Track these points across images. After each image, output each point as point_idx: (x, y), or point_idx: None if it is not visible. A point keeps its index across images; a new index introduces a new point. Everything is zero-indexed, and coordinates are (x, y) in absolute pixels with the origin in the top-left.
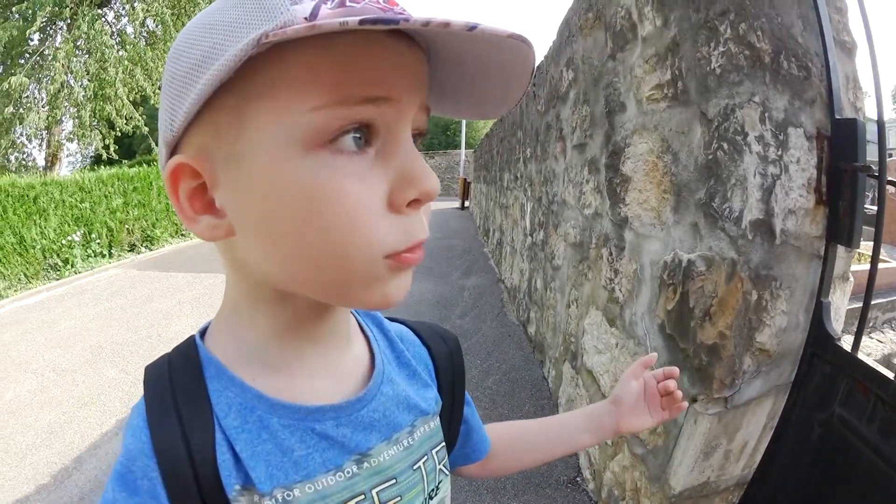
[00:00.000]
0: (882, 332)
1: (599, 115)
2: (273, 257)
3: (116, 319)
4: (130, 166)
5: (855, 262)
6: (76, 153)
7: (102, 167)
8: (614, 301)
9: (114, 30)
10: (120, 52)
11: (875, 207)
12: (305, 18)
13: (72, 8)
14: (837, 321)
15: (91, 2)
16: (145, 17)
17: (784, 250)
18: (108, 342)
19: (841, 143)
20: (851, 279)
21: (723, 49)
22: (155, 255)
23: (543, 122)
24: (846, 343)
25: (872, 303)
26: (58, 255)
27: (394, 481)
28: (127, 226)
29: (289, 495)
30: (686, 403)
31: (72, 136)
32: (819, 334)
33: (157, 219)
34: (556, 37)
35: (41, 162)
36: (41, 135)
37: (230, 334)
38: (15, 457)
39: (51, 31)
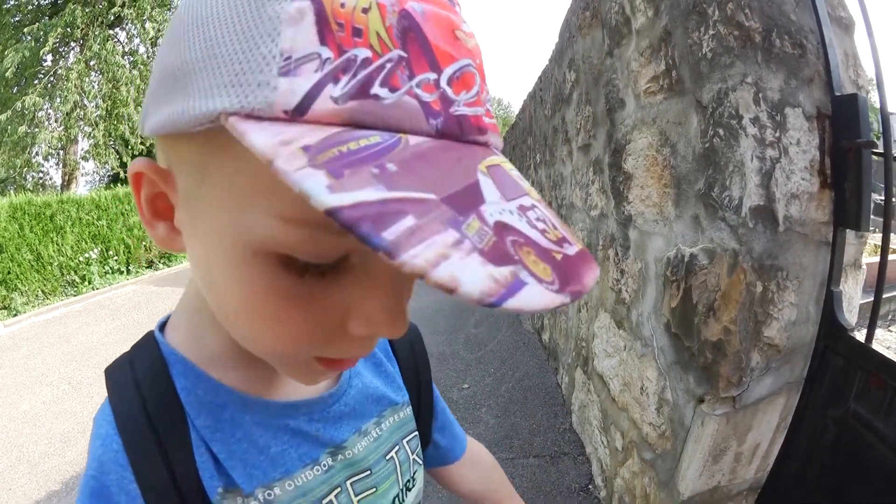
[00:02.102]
0: None
1: (601, 113)
2: (213, 306)
3: (133, 334)
4: None
5: (871, 254)
6: (93, 172)
7: (120, 185)
8: (621, 302)
9: (125, 49)
10: (132, 72)
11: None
12: (286, 112)
13: (83, 29)
14: (851, 312)
15: (102, 22)
16: (157, 37)
17: (789, 238)
18: None
19: (842, 121)
20: (864, 267)
21: (712, 32)
22: (172, 270)
23: (550, 125)
24: (860, 335)
25: (888, 295)
26: (75, 271)
27: (368, 472)
28: (144, 242)
29: (270, 494)
30: None
31: (87, 154)
32: (831, 326)
33: None
34: (557, 39)
35: (58, 181)
36: (57, 154)
37: (195, 333)
38: (28, 464)
39: (63, 52)
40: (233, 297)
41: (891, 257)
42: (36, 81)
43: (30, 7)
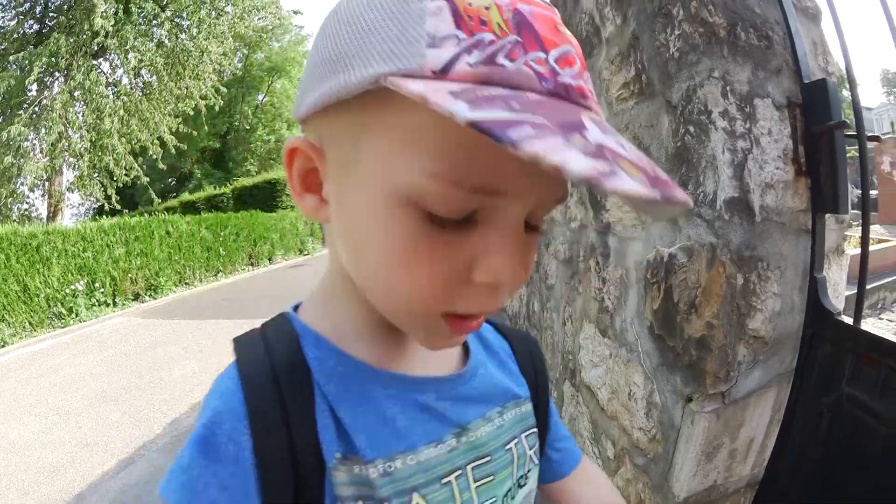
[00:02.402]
0: (892, 311)
1: None
2: (352, 267)
3: (120, 365)
4: (131, 217)
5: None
6: (79, 204)
7: (104, 217)
8: (604, 311)
9: (109, 80)
10: (116, 103)
11: (874, 192)
12: (434, 72)
13: (67, 59)
14: (837, 298)
15: (86, 52)
16: (140, 67)
17: (767, 228)
18: (112, 387)
19: (813, 107)
20: (847, 252)
21: (678, 32)
22: (159, 303)
23: None
24: (848, 320)
25: (878, 283)
26: (62, 303)
27: (488, 458)
28: (130, 275)
29: (390, 467)
30: None
31: (72, 186)
32: (817, 312)
33: (160, 267)
34: None
35: (44, 212)
36: (43, 185)
37: (328, 312)
38: (17, 493)
39: (48, 82)
40: (376, 248)
41: (881, 246)
42: (21, 111)
43: (15, 35)
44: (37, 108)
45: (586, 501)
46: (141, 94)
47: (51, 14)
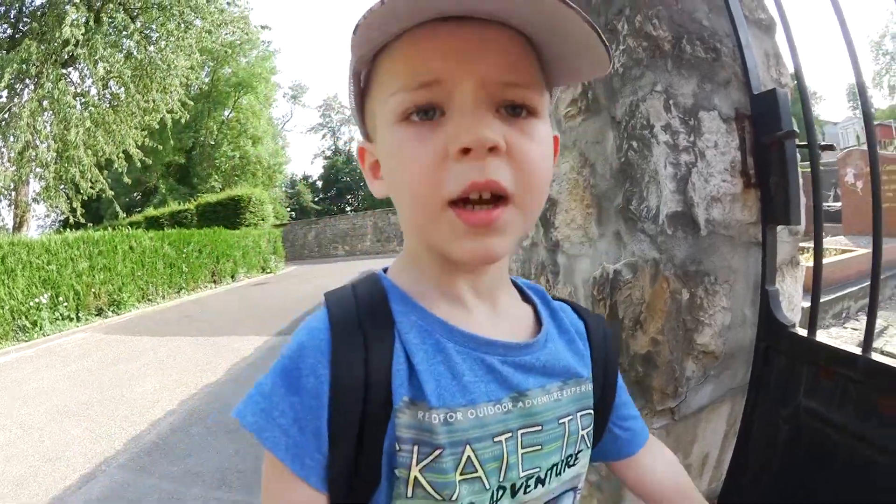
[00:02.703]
0: (857, 320)
1: None
2: (399, 209)
3: (83, 380)
4: (95, 231)
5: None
6: (45, 216)
7: (69, 230)
8: None
9: (78, 90)
10: (83, 114)
11: (839, 204)
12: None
13: (37, 66)
14: (792, 310)
15: (56, 60)
16: (108, 79)
17: (714, 241)
18: (74, 402)
19: (762, 118)
20: (802, 263)
21: (623, 47)
22: (122, 319)
23: None
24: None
25: (844, 292)
26: (26, 316)
27: (539, 427)
28: (93, 289)
29: (451, 417)
30: None
31: (38, 197)
32: (770, 325)
33: (122, 283)
34: None
35: (10, 222)
36: (9, 194)
37: (410, 274)
38: None
39: (18, 89)
40: (392, 168)
41: (844, 256)
42: None
43: None
44: (6, 116)
45: (661, 475)
46: (108, 105)
47: (24, 19)
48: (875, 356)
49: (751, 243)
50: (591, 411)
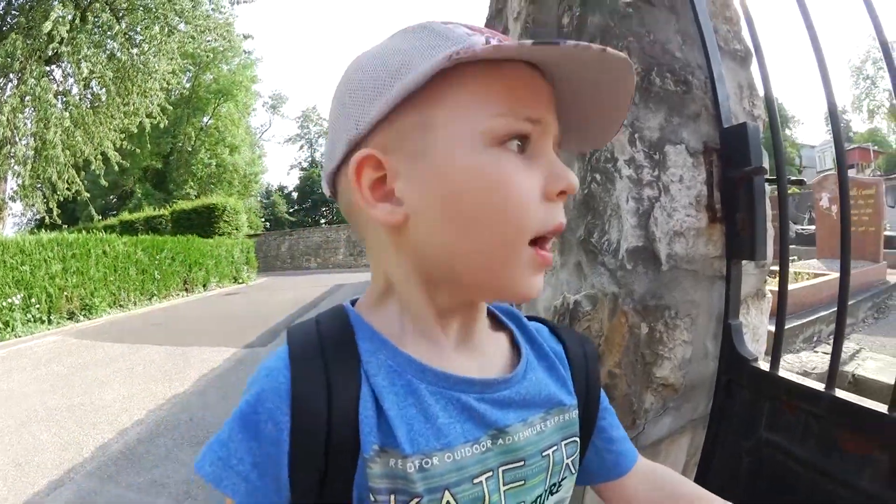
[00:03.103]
0: (828, 343)
1: None
2: (447, 238)
3: (53, 385)
4: (70, 233)
5: (792, 281)
6: (20, 214)
7: (44, 231)
8: None
9: (59, 89)
10: (64, 113)
11: (813, 227)
12: (482, 45)
13: (21, 62)
14: (757, 341)
15: (40, 57)
16: (90, 78)
17: (675, 276)
18: (44, 407)
19: (731, 152)
20: (769, 295)
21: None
22: (93, 324)
23: None
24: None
25: (816, 316)
26: None
27: (522, 462)
28: (66, 293)
29: (427, 462)
30: None
31: (15, 195)
32: (732, 359)
33: (95, 287)
34: None
35: None
36: None
37: (382, 310)
38: None
39: (2, 84)
40: (479, 189)
41: (817, 280)
42: None
43: None
44: None
45: (645, 499)
46: (89, 105)
47: (13, 12)
48: (838, 392)
49: (715, 277)
50: (577, 438)
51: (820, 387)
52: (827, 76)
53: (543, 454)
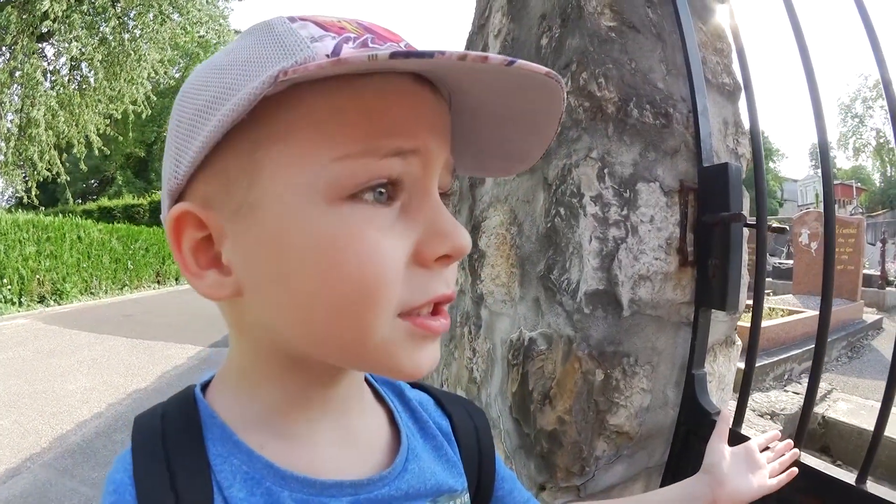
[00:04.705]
0: (799, 382)
1: (465, 188)
2: (288, 317)
3: (17, 370)
4: (46, 216)
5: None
6: (1, 192)
7: (21, 211)
8: (473, 381)
9: (50, 68)
10: (50, 92)
11: (791, 262)
12: (327, 55)
13: (14, 36)
14: (723, 390)
15: (33, 32)
16: (80, 60)
17: (637, 322)
18: (5, 392)
19: (709, 194)
20: (738, 342)
21: (564, 105)
22: (63, 309)
23: None
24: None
25: (788, 354)
26: None
27: None
28: (38, 276)
29: None
30: (795, 470)
31: None
32: (693, 410)
33: (67, 273)
34: None
35: None
36: None
37: (237, 397)
38: None
39: None
40: (318, 262)
41: (790, 318)
42: None
43: None
44: None
45: None
46: (77, 87)
47: None
48: (804, 457)
49: (681, 323)
50: None
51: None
52: (821, 114)
53: None
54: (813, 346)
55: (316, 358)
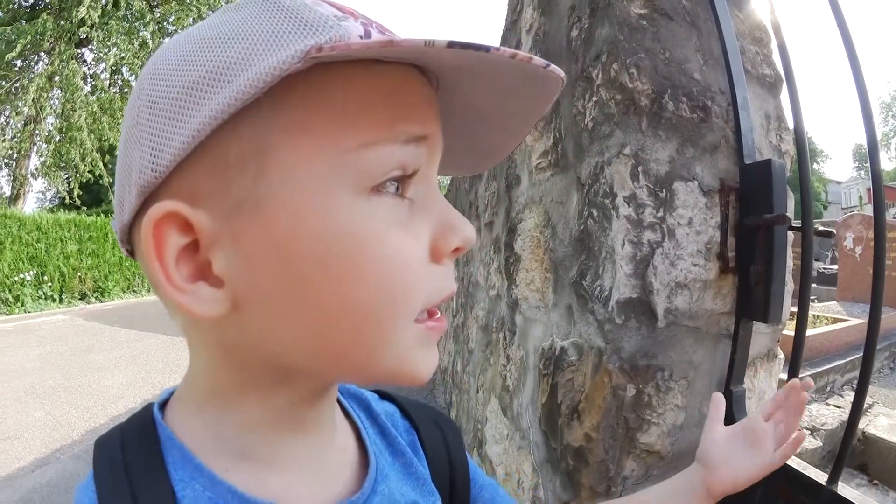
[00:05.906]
0: (841, 395)
1: (502, 190)
2: (297, 331)
3: (54, 364)
4: (88, 215)
5: (810, 326)
6: (44, 191)
7: (63, 211)
8: (506, 389)
9: (88, 73)
10: (90, 97)
11: (835, 267)
12: (360, 37)
13: (51, 42)
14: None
15: (70, 38)
16: (120, 65)
17: (674, 333)
18: (41, 384)
19: (752, 193)
20: (780, 356)
21: (595, 98)
22: (104, 307)
23: (467, 200)
24: None
25: (830, 366)
26: (10, 290)
27: None
28: (79, 273)
29: None
30: (803, 433)
31: (37, 172)
32: None
33: (109, 271)
34: None
35: (7, 192)
36: (10, 165)
37: (203, 418)
38: None
39: (32, 61)
40: (345, 261)
41: (833, 327)
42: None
43: (10, 6)
44: (16, 86)
45: None
46: (118, 92)
47: None
48: (841, 488)
49: (721, 335)
50: None
51: (822, 478)
52: (869, 111)
53: None
54: (857, 356)
55: (314, 373)
